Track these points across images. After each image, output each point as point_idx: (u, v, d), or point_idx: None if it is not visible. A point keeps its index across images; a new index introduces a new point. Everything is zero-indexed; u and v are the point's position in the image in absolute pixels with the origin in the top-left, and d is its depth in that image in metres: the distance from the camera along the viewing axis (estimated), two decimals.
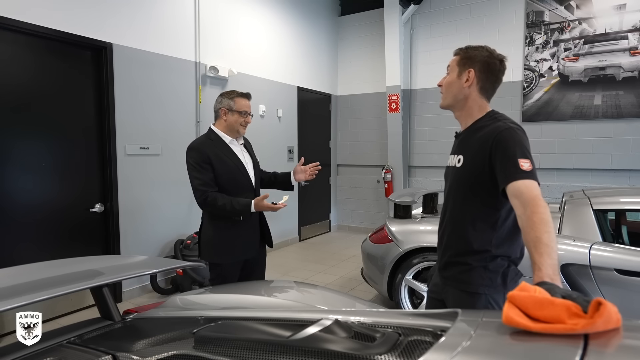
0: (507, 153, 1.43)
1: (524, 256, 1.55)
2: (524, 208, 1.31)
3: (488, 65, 1.58)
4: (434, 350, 0.76)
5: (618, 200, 2.91)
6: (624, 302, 2.45)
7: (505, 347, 0.73)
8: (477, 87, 1.59)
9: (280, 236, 5.92)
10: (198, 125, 4.48)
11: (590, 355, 0.64)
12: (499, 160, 1.44)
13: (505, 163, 1.42)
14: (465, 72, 1.59)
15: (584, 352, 0.65)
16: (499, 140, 1.46)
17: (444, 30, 6.07)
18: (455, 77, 1.62)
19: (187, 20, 4.33)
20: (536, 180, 1.40)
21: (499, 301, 1.53)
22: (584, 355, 0.65)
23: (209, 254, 2.38)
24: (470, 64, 1.59)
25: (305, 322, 1.12)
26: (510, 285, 1.56)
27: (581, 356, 0.65)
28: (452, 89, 1.63)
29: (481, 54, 1.59)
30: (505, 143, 1.45)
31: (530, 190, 1.35)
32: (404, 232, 3.25)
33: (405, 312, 1.11)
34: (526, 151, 1.45)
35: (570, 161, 5.34)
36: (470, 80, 1.58)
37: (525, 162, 1.41)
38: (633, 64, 4.85)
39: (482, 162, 1.50)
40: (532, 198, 1.32)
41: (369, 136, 6.86)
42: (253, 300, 1.62)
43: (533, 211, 1.28)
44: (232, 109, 2.39)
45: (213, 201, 2.25)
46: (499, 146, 1.46)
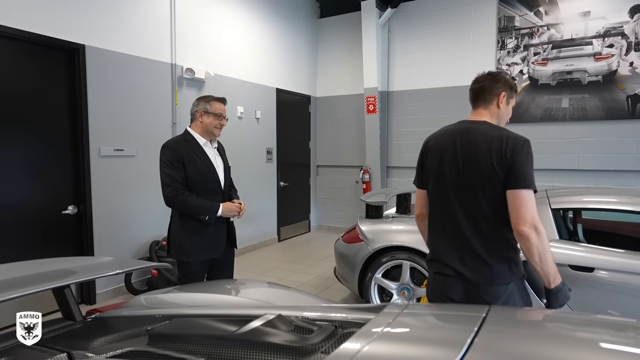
0: None
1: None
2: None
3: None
4: (353, 339, 0.83)
5: (575, 199, 3.04)
6: (577, 296, 2.58)
7: (411, 331, 0.81)
8: None
9: (259, 237, 5.97)
10: (174, 127, 4.50)
11: (481, 334, 0.72)
12: None
13: None
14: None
15: (478, 331, 0.73)
16: None
17: (421, 34, 6.19)
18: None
19: (163, 22, 4.35)
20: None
21: None
22: (476, 334, 0.73)
23: (177, 252, 2.46)
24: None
25: (252, 317, 1.19)
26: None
27: (475, 333, 0.73)
28: None
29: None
30: None
31: None
32: (374, 231, 3.34)
33: (345, 307, 1.19)
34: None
35: (540, 162, 5.48)
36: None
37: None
38: (597, 69, 5.05)
39: None
40: None
41: (348, 137, 6.95)
42: (212, 298, 1.68)
43: None
44: (208, 111, 2.48)
45: (184, 199, 2.34)
46: None
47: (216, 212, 2.40)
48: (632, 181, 4.99)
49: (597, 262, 2.52)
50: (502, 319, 0.82)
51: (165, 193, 2.39)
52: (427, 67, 6.09)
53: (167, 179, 2.37)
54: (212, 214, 2.39)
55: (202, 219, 2.38)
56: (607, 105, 5.04)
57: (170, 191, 2.35)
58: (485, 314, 0.83)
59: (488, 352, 0.71)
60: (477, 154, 1.65)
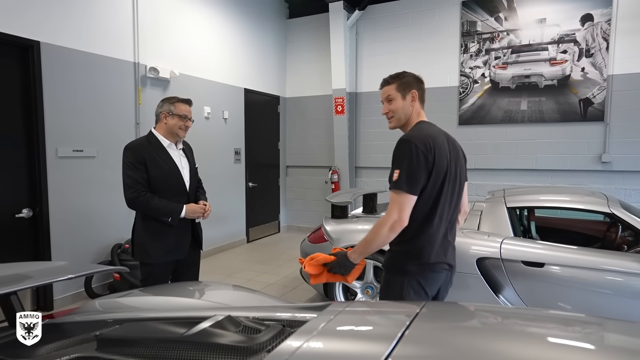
0: (393, 162, 1.77)
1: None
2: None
3: (420, 83, 1.96)
4: (293, 337, 0.85)
5: (528, 198, 3.19)
6: (529, 289, 2.71)
7: (349, 327, 0.85)
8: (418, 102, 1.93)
9: (227, 238, 5.92)
10: (138, 127, 4.40)
11: (412, 328, 0.76)
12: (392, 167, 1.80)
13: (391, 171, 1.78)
14: (410, 92, 1.91)
15: (409, 325, 0.77)
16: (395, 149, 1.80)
17: (388, 36, 6.30)
18: (402, 100, 1.91)
19: (125, 20, 4.25)
20: (399, 189, 1.71)
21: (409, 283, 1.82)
22: (407, 327, 0.76)
23: (140, 254, 2.44)
24: (410, 86, 1.92)
25: (202, 319, 1.19)
26: (419, 269, 1.87)
27: (406, 327, 0.76)
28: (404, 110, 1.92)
29: (411, 77, 1.95)
30: (395, 152, 1.78)
31: (391, 199, 1.74)
32: (339, 231, 3.38)
33: (294, 306, 1.21)
34: (401, 161, 1.72)
35: (501, 162, 5.72)
36: (414, 97, 1.91)
37: (396, 172, 1.73)
38: (552, 73, 5.29)
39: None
40: (389, 208, 1.72)
41: (317, 138, 6.99)
42: (169, 301, 1.66)
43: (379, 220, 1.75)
44: (173, 112, 2.47)
45: (145, 201, 2.33)
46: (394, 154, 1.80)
47: (179, 213, 2.39)
48: (584, 180, 5.26)
49: (547, 258, 2.65)
50: (435, 313, 0.87)
51: (126, 195, 2.37)
52: (394, 68, 6.10)
53: (128, 180, 2.36)
54: (176, 216, 2.38)
55: (165, 220, 2.37)
56: (561, 108, 5.29)
57: (131, 193, 2.33)
58: (420, 309, 0.87)
59: (416, 344, 0.75)
60: (460, 157, 1.92)
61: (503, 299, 2.78)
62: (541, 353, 0.83)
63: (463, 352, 0.74)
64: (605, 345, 0.98)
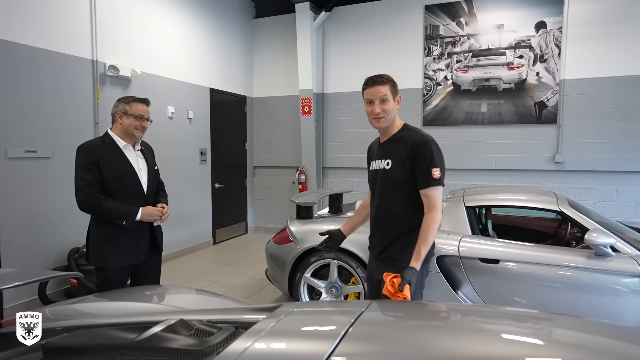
0: (427, 163, 1.89)
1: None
2: (427, 209, 1.88)
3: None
4: (242, 338, 0.86)
5: (486, 197, 3.32)
6: (486, 285, 2.82)
7: (295, 327, 0.86)
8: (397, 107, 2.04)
9: (192, 240, 5.81)
10: (96, 127, 4.25)
11: (356, 326, 0.79)
12: (419, 167, 1.90)
13: (422, 170, 1.89)
14: (397, 97, 2.02)
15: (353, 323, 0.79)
16: (418, 150, 1.91)
17: (354, 38, 6.38)
18: (393, 102, 2.00)
19: (81, 15, 4.09)
20: (442, 184, 1.89)
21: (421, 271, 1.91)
22: (351, 325, 0.79)
23: (94, 258, 2.37)
24: (397, 90, 2.03)
25: (154, 323, 1.18)
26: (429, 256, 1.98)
27: (350, 325, 0.79)
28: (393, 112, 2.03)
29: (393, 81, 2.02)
30: (425, 153, 1.89)
31: (434, 197, 1.88)
32: (303, 232, 3.40)
33: (248, 308, 1.22)
34: (437, 160, 1.90)
35: (463, 162, 5.91)
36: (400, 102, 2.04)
37: (436, 170, 1.88)
38: (510, 77, 5.52)
39: (409, 164, 1.94)
40: (434, 205, 1.87)
41: (284, 138, 6.98)
42: (124, 306, 1.63)
43: (432, 217, 1.87)
44: (128, 112, 2.41)
45: (97, 203, 2.27)
46: (419, 155, 1.90)
47: (134, 216, 2.33)
48: (540, 180, 5.51)
49: (501, 255, 2.76)
50: (380, 311, 0.89)
51: (77, 197, 2.30)
52: (360, 70, 6.27)
53: (79, 182, 2.29)
54: (130, 218, 2.32)
55: (120, 223, 2.30)
56: (519, 111, 5.53)
57: (82, 195, 2.26)
58: (365, 308, 0.90)
59: (359, 342, 0.77)
60: None
61: (462, 295, 2.88)
62: (478, 346, 0.87)
63: (403, 347, 0.77)
64: (547, 339, 1.04)
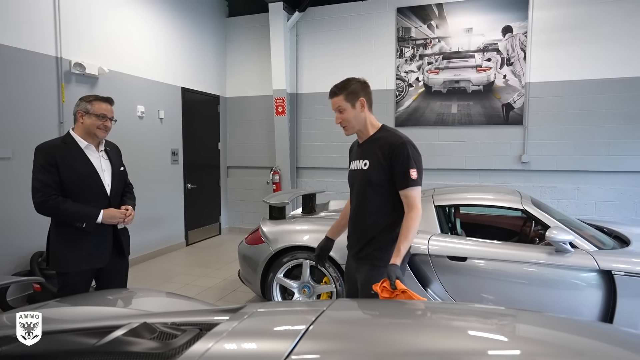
0: (403, 164, 1.90)
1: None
2: (407, 208, 1.90)
3: (367, 88, 2.03)
4: (203, 340, 0.86)
5: (454, 197, 3.41)
6: (455, 283, 2.89)
7: (257, 327, 0.87)
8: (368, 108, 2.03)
9: (164, 241, 5.70)
10: (61, 126, 4.12)
11: (316, 324, 0.80)
12: (396, 168, 1.91)
13: (399, 172, 1.91)
14: (357, 102, 2.00)
15: (314, 321, 0.81)
16: (395, 152, 1.91)
17: (327, 38, 6.40)
18: (352, 109, 1.99)
19: (44, 10, 3.95)
20: (419, 185, 1.92)
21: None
22: (312, 323, 0.80)
23: (55, 262, 2.30)
24: (357, 95, 1.99)
25: (115, 327, 1.15)
26: (407, 255, 1.98)
27: (311, 323, 0.80)
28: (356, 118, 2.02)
29: (357, 84, 2.00)
30: (402, 155, 1.90)
31: (412, 197, 1.90)
32: (276, 232, 3.39)
33: (214, 309, 1.21)
34: (414, 161, 1.91)
35: (434, 162, 6.03)
36: (363, 105, 2.01)
37: (413, 171, 1.90)
38: (479, 79, 5.68)
39: (386, 165, 1.94)
40: (413, 205, 1.90)
41: (258, 138, 6.94)
42: (86, 311, 1.58)
43: (412, 216, 1.89)
44: (90, 112, 2.33)
45: (55, 205, 2.20)
46: (396, 157, 1.91)
47: (95, 218, 2.26)
48: (508, 179, 5.69)
49: (468, 252, 2.85)
50: (341, 310, 0.91)
51: (34, 199, 2.22)
52: (333, 70, 6.31)
53: (36, 183, 2.21)
54: (91, 221, 2.25)
55: (80, 226, 2.23)
56: (487, 112, 5.69)
57: (39, 197, 2.19)
58: (326, 307, 0.91)
59: (318, 340, 0.78)
60: None
61: (431, 292, 2.94)
62: (438, 341, 0.90)
63: (363, 343, 0.78)
64: (506, 333, 1.08)
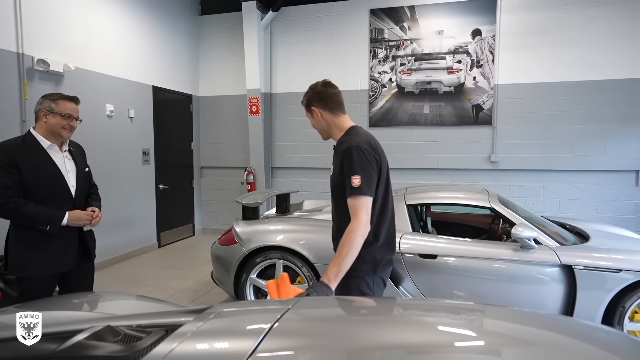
0: (347, 170, 1.80)
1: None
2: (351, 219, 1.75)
3: (318, 95, 1.97)
4: (167, 341, 0.85)
5: (425, 196, 3.47)
6: (426, 280, 2.95)
7: (221, 327, 0.87)
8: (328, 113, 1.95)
9: (135, 243, 5.57)
10: (23, 125, 3.96)
11: (281, 322, 0.80)
12: (344, 175, 1.82)
13: (346, 179, 1.80)
14: (312, 109, 1.97)
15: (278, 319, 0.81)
16: (344, 157, 1.83)
17: (301, 38, 6.41)
18: (312, 118, 1.99)
19: (4, 3, 3.78)
20: (363, 193, 1.75)
21: (369, 282, 1.87)
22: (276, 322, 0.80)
23: (13, 267, 2.20)
24: (311, 102, 1.97)
25: (77, 332, 1.12)
26: (381, 266, 1.90)
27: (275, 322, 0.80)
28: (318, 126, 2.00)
29: (310, 93, 1.99)
30: (347, 160, 1.81)
31: (353, 207, 1.76)
32: (249, 232, 3.37)
33: (179, 311, 1.20)
34: (359, 167, 1.78)
35: (408, 162, 6.13)
36: (319, 112, 1.95)
37: (356, 178, 1.76)
38: (450, 81, 5.81)
39: (344, 171, 1.84)
40: (354, 215, 1.75)
41: (232, 138, 6.87)
42: (49, 316, 1.53)
43: (349, 228, 1.73)
44: (54, 111, 2.25)
45: (15, 207, 2.11)
46: (344, 163, 1.83)
47: (59, 221, 2.18)
48: (478, 178, 5.85)
49: (438, 250, 2.91)
50: (306, 308, 0.92)
51: None
52: (307, 70, 6.32)
53: None
54: (55, 224, 2.17)
55: (43, 229, 2.15)
56: (458, 113, 5.83)
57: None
58: (292, 305, 0.92)
59: (282, 338, 0.79)
60: (385, 157, 1.99)
61: (403, 290, 2.99)
62: (403, 335, 0.92)
63: (328, 339, 0.79)
64: (471, 327, 1.11)
